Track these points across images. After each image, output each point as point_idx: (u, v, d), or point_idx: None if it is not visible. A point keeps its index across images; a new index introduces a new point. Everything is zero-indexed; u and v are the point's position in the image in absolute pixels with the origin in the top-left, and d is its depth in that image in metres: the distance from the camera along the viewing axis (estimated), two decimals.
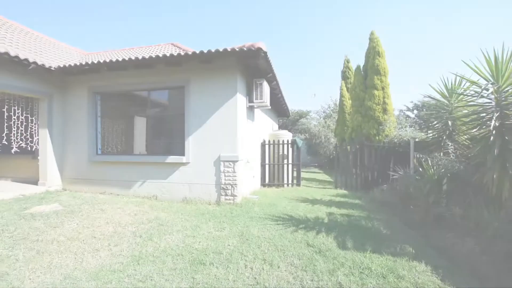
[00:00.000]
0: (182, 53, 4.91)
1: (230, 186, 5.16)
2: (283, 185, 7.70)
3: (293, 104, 35.32)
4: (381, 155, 7.08)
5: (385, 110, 8.07)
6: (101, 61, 5.48)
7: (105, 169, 6.11)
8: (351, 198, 6.19)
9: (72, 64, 5.76)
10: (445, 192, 4.15)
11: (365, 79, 8.67)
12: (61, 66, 5.83)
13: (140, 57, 5.14)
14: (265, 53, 4.73)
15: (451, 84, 4.69)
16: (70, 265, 2.63)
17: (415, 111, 15.10)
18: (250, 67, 5.70)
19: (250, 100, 6.04)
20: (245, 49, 4.58)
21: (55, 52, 7.51)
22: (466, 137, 4.47)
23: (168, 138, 6.02)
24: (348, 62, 13.70)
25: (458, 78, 4.50)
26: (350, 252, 3.01)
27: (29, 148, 6.48)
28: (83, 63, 5.67)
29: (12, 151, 6.28)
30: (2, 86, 5.34)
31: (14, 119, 6.27)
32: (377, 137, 8.03)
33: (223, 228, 3.76)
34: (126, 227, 3.75)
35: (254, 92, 5.92)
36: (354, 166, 7.80)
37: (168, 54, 4.96)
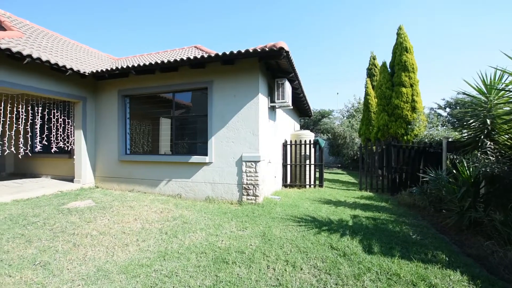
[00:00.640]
0: (205, 55, 5.02)
1: (252, 186, 5.18)
2: (305, 186, 7.58)
3: (315, 103, 34.78)
4: (410, 156, 6.72)
5: (414, 109, 7.66)
6: (130, 65, 5.77)
7: (133, 168, 6.42)
8: (377, 201, 5.94)
9: (104, 69, 6.12)
10: (482, 196, 3.84)
11: (392, 76, 8.29)
12: (94, 71, 6.22)
13: (165, 61, 5.33)
14: (287, 52, 4.69)
15: (490, 79, 4.31)
16: (102, 258, 2.79)
17: (448, 109, 14.16)
18: (271, 67, 5.69)
19: (272, 100, 6.03)
20: (267, 49, 4.58)
21: (88, 58, 8.04)
22: (508, 136, 4.10)
23: (192, 139, 6.19)
24: (374, 59, 13.18)
25: (498, 72, 4.13)
26: (376, 256, 2.89)
27: (66, 148, 7.01)
28: (113, 68, 6.01)
29: (52, 150, 6.83)
30: (44, 92, 5.82)
31: (54, 121, 6.81)
32: (405, 137, 7.65)
33: (245, 228, 3.78)
34: (152, 223, 3.91)
35: (275, 92, 5.89)
36: (380, 167, 7.49)
37: (192, 57, 5.11)
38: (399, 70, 7.83)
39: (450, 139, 5.68)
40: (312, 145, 7.64)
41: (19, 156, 7.05)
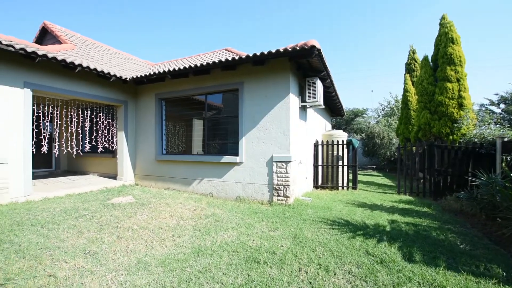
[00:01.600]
0: (236, 57, 5.11)
1: (283, 186, 5.14)
2: (337, 188, 7.32)
3: (347, 102, 33.45)
4: (456, 157, 6.11)
5: (461, 105, 6.97)
6: (166, 70, 6.10)
7: (169, 167, 6.77)
8: (418, 206, 5.51)
9: (142, 75, 6.55)
10: None
11: (435, 71, 7.64)
12: (134, 77, 6.69)
13: (198, 64, 5.54)
14: (319, 50, 4.58)
15: None
16: (142, 251, 2.98)
17: (502, 105, 12.64)
18: (302, 66, 5.60)
19: (303, 100, 5.93)
20: (297, 48, 4.51)
21: (128, 65, 8.68)
22: None
23: (223, 139, 6.34)
24: (413, 53, 12.26)
25: None
26: (418, 266, 2.67)
27: (110, 148, 7.63)
28: (151, 73, 6.40)
29: (98, 150, 7.48)
30: (92, 97, 6.41)
31: (100, 124, 7.46)
32: (450, 137, 7.00)
33: (276, 229, 3.76)
34: (187, 220, 4.07)
35: (306, 92, 5.79)
36: (421, 169, 6.94)
37: (223, 59, 5.23)
38: (444, 63, 7.18)
39: (506, 139, 5.06)
40: (345, 146, 7.35)
41: (73, 155, 7.83)
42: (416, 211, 5.04)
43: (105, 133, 7.49)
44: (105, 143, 7.44)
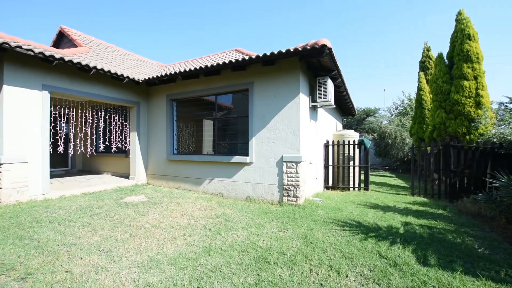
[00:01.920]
0: (246, 58, 5.12)
1: (293, 187, 5.11)
2: (348, 189, 7.21)
3: (359, 101, 32.92)
4: (474, 158, 5.89)
5: (478, 104, 6.72)
6: (177, 71, 6.18)
7: (179, 167, 6.86)
8: (433, 208, 5.35)
9: (154, 76, 6.66)
10: None
11: (451, 69, 7.40)
12: (146, 78, 6.82)
13: (209, 65, 5.58)
14: (330, 49, 4.52)
15: None
16: (154, 249, 3.03)
17: None
18: (313, 65, 5.55)
19: (313, 100, 5.87)
20: (308, 47, 4.47)
21: (140, 66, 8.85)
22: None
23: (233, 139, 6.36)
24: (428, 50, 11.90)
25: None
26: (433, 269, 2.60)
27: (123, 148, 7.80)
28: (163, 74, 6.50)
29: (112, 150, 7.67)
30: (106, 98, 6.58)
31: (113, 124, 7.65)
32: (467, 137, 6.75)
33: (286, 229, 3.74)
34: (197, 220, 4.11)
35: (317, 91, 5.73)
36: (436, 170, 6.74)
37: (233, 60, 5.25)
38: (460, 61, 6.94)
39: None
40: (356, 146, 7.23)
41: (87, 155, 8.06)
42: (431, 213, 4.89)
43: (118, 133, 7.68)
44: (118, 143, 7.63)
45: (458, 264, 2.71)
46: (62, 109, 6.77)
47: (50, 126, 5.62)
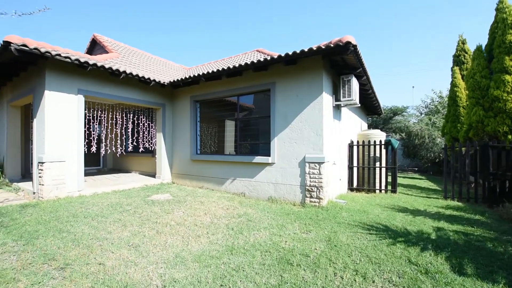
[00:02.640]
0: (268, 58, 5.11)
1: (316, 188, 5.01)
2: (374, 191, 6.92)
3: (385, 100, 31.53)
4: None
5: None
6: (200, 73, 6.33)
7: (203, 167, 7.01)
8: (469, 213, 4.97)
9: (179, 78, 6.88)
10: None
11: (490, 62, 6.83)
12: (171, 81, 7.06)
13: (231, 66, 5.65)
14: (355, 46, 4.37)
15: None
16: (179, 246, 3.12)
17: None
18: (336, 63, 5.41)
19: (337, 99, 5.72)
20: (331, 45, 4.36)
21: (165, 70, 9.19)
22: None
23: (255, 139, 6.38)
24: (463, 43, 11.05)
25: None
26: (470, 279, 2.40)
27: (150, 148, 8.15)
28: (187, 76, 6.70)
29: (139, 150, 8.04)
30: (134, 100, 6.91)
31: (141, 125, 8.01)
32: (509, 136, 6.19)
33: (309, 231, 3.68)
34: (220, 219, 4.18)
35: (341, 90, 5.57)
36: (472, 172, 6.25)
37: (255, 60, 5.27)
38: (501, 53, 6.37)
39: None
40: (383, 146, 6.92)
41: (117, 155, 8.51)
42: (467, 218, 4.55)
43: (145, 134, 8.03)
44: (145, 143, 7.98)
45: (500, 275, 2.48)
46: (95, 112, 7.22)
47: (85, 128, 6.02)
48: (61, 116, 5.41)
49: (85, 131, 6.04)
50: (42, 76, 5.26)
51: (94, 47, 9.66)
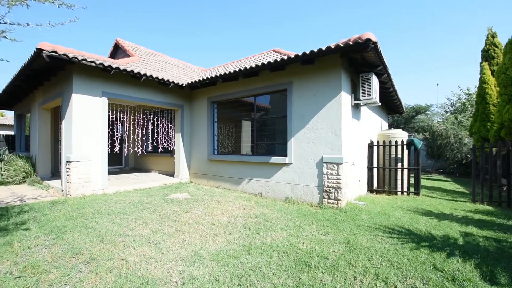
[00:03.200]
0: (285, 57, 5.08)
1: (334, 189, 4.91)
2: (395, 193, 6.67)
3: (407, 98, 30.27)
4: None
5: None
6: (217, 74, 6.42)
7: (219, 167, 7.10)
8: (501, 217, 4.65)
9: (196, 80, 7.02)
10: None
11: None
12: (189, 82, 7.21)
13: (248, 67, 5.68)
14: (375, 43, 4.23)
15: None
16: (197, 244, 3.18)
17: None
18: (355, 61, 5.27)
19: (356, 98, 5.57)
20: (350, 43, 4.26)
21: (183, 71, 9.40)
22: None
23: (271, 140, 6.36)
24: (493, 37, 10.37)
25: None
26: None
27: (169, 148, 8.36)
28: (204, 78, 6.81)
29: (159, 150, 8.28)
30: (154, 102, 7.13)
31: (160, 126, 8.25)
32: None
33: (327, 233, 3.61)
34: (237, 218, 4.20)
35: (360, 89, 5.42)
36: (504, 174, 5.84)
37: (272, 60, 5.26)
38: None
39: None
40: (405, 146, 6.65)
41: (138, 154, 8.80)
42: (498, 224, 4.25)
43: (164, 134, 8.26)
44: (164, 143, 8.21)
45: None
46: (118, 113, 7.53)
47: (108, 129, 6.29)
48: (87, 117, 5.69)
49: (108, 131, 6.31)
50: (69, 80, 5.56)
51: (117, 51, 10.08)
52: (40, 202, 4.92)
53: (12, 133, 18.01)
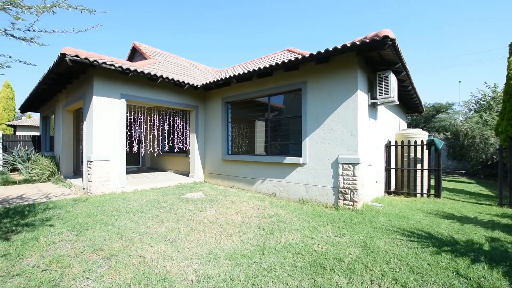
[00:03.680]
0: (299, 57, 5.03)
1: (349, 190, 4.81)
2: (414, 195, 6.43)
3: (427, 96, 29.17)
4: None
5: None
6: (231, 75, 6.46)
7: (234, 167, 7.14)
8: None
9: (211, 81, 7.10)
10: None
11: None
12: (203, 83, 7.31)
13: (261, 67, 5.68)
14: (393, 40, 4.10)
15: None
16: (212, 243, 3.21)
17: None
18: (372, 59, 5.13)
19: (373, 97, 5.42)
20: (367, 41, 4.15)
21: (198, 73, 9.54)
22: None
23: (285, 140, 6.33)
24: None
25: None
26: None
27: (184, 149, 8.52)
28: (218, 79, 6.88)
29: (175, 150, 8.46)
30: (170, 103, 7.28)
31: (176, 127, 8.42)
32: None
33: (342, 235, 3.53)
34: (251, 218, 4.21)
35: (377, 87, 5.27)
36: None
37: (286, 60, 5.23)
38: None
39: None
40: (425, 146, 6.40)
41: (154, 154, 9.03)
42: None
43: (180, 135, 8.43)
44: (179, 144, 8.37)
45: None
46: (135, 114, 7.77)
47: (126, 129, 6.50)
48: (107, 119, 5.91)
49: (127, 132, 6.52)
50: (90, 83, 5.80)
51: (134, 54, 10.40)
52: (64, 199, 5.16)
53: (38, 134, 19.05)
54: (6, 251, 2.83)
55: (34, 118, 25.74)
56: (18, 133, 20.48)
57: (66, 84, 7.10)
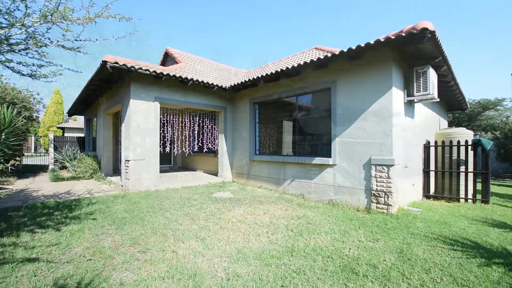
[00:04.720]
0: (329, 55, 4.90)
1: (383, 193, 4.55)
2: (457, 200, 5.89)
3: (471, 92, 26.60)
4: None
5: None
6: (259, 76, 6.49)
7: (261, 167, 7.15)
8: None
9: (239, 82, 7.20)
10: None
11: None
12: (232, 85, 7.44)
13: (289, 67, 5.62)
14: (433, 33, 3.80)
15: None
16: (240, 242, 3.24)
17: None
18: (408, 54, 4.81)
19: (409, 94, 5.08)
20: (403, 34, 3.90)
21: (226, 74, 9.73)
22: None
23: (314, 140, 6.19)
24: None
25: None
26: None
27: (213, 149, 8.74)
28: (246, 80, 6.95)
29: (204, 151, 8.71)
30: (200, 105, 7.53)
31: (205, 127, 8.68)
32: None
33: (376, 240, 3.36)
34: (279, 219, 4.18)
35: (414, 84, 4.92)
36: None
37: (314, 58, 5.12)
38: None
39: None
40: (469, 147, 5.84)
41: (185, 154, 9.37)
42: None
43: (209, 135, 8.67)
44: (209, 144, 8.61)
45: None
46: (168, 116, 8.15)
47: (160, 130, 6.85)
48: (142, 120, 6.28)
49: (160, 133, 6.87)
50: (127, 88, 6.21)
51: (167, 59, 10.93)
52: (104, 195, 5.59)
53: (82, 135, 20.89)
54: (57, 240, 3.14)
55: (79, 121, 28.27)
56: (65, 134, 22.63)
57: (106, 89, 7.69)
